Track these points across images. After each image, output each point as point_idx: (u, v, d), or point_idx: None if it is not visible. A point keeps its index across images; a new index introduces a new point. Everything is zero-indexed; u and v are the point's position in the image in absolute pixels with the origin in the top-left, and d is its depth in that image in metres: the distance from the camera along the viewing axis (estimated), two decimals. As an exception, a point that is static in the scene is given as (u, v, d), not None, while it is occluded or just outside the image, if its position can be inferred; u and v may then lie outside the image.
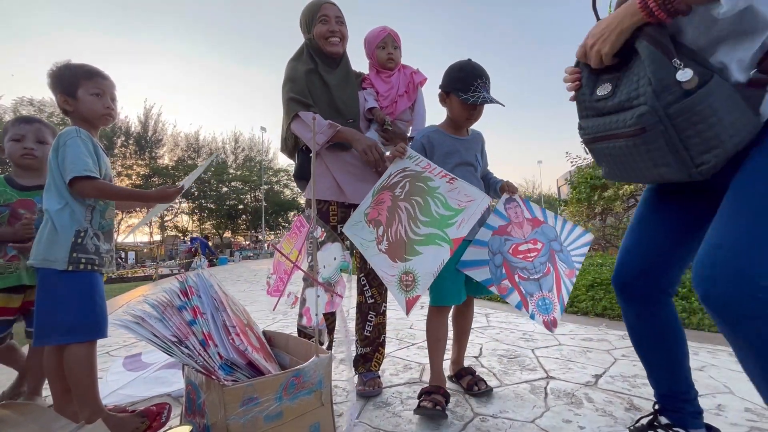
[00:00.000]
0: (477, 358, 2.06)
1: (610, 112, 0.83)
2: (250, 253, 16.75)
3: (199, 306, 1.04)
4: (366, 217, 1.51)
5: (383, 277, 1.39)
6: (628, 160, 0.81)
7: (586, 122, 0.91)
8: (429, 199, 1.41)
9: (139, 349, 2.43)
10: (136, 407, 1.52)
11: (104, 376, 1.88)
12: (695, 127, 0.69)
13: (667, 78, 0.70)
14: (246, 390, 0.94)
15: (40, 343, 1.21)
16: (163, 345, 0.96)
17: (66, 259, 1.22)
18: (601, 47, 0.78)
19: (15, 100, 19.46)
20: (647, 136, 0.73)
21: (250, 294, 5.19)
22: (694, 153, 0.71)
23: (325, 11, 1.66)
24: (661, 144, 0.72)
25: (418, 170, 1.46)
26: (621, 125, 0.78)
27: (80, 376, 1.21)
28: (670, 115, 0.70)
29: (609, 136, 0.82)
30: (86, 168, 1.25)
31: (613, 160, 0.86)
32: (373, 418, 1.40)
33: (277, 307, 1.37)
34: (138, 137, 24.99)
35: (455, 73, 1.52)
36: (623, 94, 0.80)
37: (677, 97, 0.69)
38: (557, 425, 1.31)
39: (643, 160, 0.77)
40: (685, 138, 0.70)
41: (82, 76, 1.34)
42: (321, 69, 1.68)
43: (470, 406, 1.48)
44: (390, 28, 1.78)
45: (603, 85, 0.87)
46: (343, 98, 1.68)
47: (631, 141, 0.76)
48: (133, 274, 9.95)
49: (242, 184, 27.56)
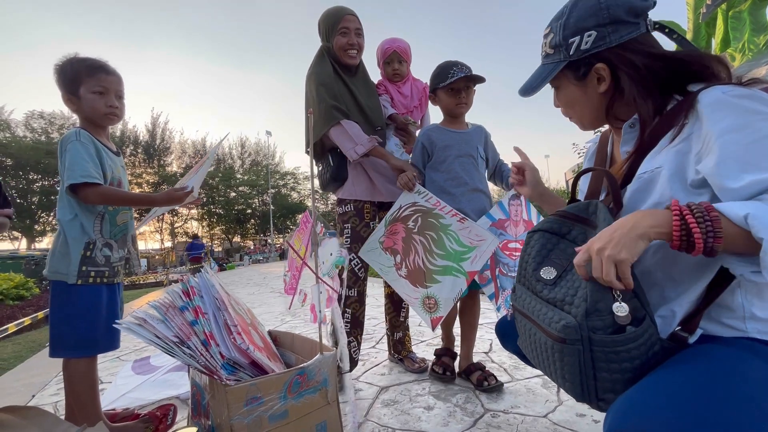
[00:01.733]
0: (487, 353, 2.02)
1: (544, 299, 0.75)
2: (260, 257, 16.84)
3: (201, 306, 1.03)
4: (381, 245, 1.64)
5: (407, 298, 1.54)
6: (542, 352, 0.73)
7: (521, 290, 0.83)
8: (442, 235, 1.52)
9: (148, 353, 2.44)
10: (144, 410, 1.53)
11: (114, 380, 1.89)
12: (609, 365, 0.63)
13: (603, 302, 0.64)
14: (249, 389, 0.92)
15: (54, 355, 1.21)
16: (166, 346, 0.95)
17: (76, 273, 1.20)
18: (615, 253, 0.60)
19: (26, 113, 19.90)
20: (565, 348, 0.65)
21: (259, 297, 5.21)
22: (599, 387, 0.65)
23: (346, 23, 1.70)
24: (575, 362, 0.65)
25: (428, 207, 1.55)
26: (547, 322, 0.70)
27: (80, 390, 1.20)
28: (591, 341, 0.63)
29: (534, 322, 0.75)
30: (84, 174, 1.18)
31: (531, 343, 0.77)
32: (381, 416, 1.38)
33: (291, 305, 1.37)
34: (146, 146, 25.35)
35: (434, 73, 1.63)
36: (562, 290, 0.72)
37: (605, 325, 0.63)
38: (571, 419, 1.27)
39: (554, 365, 0.70)
40: (598, 368, 0.64)
41: (83, 73, 1.25)
42: (344, 76, 1.74)
43: (480, 402, 1.45)
44: (398, 42, 1.86)
45: (548, 269, 0.77)
46: (370, 106, 1.77)
47: (551, 342, 0.68)
48: (145, 280, 10.06)
49: (250, 188, 27.79)
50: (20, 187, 20.36)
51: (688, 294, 0.68)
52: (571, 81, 0.83)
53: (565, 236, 0.80)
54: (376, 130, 1.75)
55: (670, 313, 0.70)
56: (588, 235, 0.75)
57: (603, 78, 0.78)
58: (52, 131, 20.57)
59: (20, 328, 3.55)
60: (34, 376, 2.20)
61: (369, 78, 1.88)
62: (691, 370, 0.58)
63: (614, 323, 0.63)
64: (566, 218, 0.80)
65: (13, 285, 5.73)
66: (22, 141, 19.65)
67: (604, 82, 0.78)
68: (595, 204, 0.77)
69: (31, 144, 19.57)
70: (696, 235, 0.56)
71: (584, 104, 0.84)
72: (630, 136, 0.79)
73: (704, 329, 0.67)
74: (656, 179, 0.69)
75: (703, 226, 0.56)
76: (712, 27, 4.58)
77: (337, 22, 1.69)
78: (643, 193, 0.72)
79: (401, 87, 1.90)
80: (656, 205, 0.69)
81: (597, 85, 0.79)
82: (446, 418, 1.33)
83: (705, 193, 0.65)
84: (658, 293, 0.72)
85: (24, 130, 20.44)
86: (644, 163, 0.73)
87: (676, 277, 0.70)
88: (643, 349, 0.62)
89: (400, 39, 1.88)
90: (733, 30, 4.18)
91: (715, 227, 0.56)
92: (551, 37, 0.82)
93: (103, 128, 1.33)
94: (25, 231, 20.80)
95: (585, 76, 0.80)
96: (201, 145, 28.17)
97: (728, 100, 0.63)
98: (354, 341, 1.72)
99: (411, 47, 1.90)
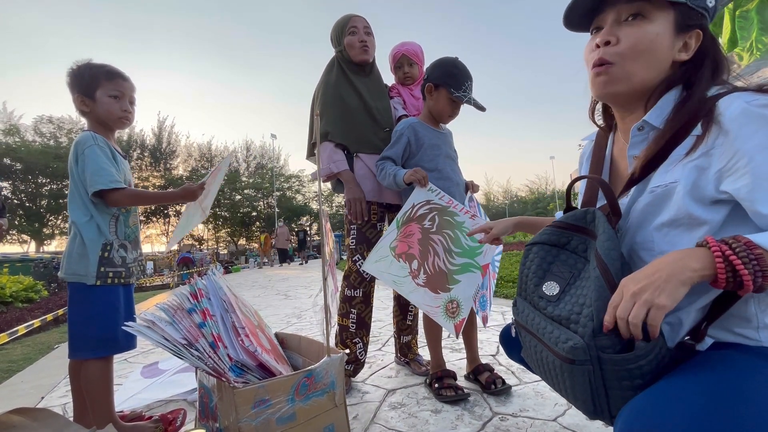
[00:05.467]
0: (494, 356, 2.01)
1: (549, 317, 0.72)
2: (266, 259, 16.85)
3: (209, 308, 1.04)
4: (394, 252, 1.53)
5: (427, 310, 1.49)
6: (550, 370, 0.71)
7: (522, 305, 0.79)
8: (458, 232, 1.52)
9: (156, 356, 2.45)
10: (152, 410, 1.53)
11: (123, 384, 1.90)
12: (620, 383, 0.61)
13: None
14: (257, 392, 0.92)
15: (75, 356, 1.23)
16: (174, 348, 0.95)
17: (94, 274, 1.22)
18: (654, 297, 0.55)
19: (35, 118, 20.13)
20: (575, 369, 0.63)
21: (264, 299, 5.22)
22: (612, 404, 0.63)
23: (354, 23, 1.75)
24: (585, 382, 0.63)
25: (443, 204, 1.53)
26: (554, 341, 0.67)
27: (96, 389, 1.22)
28: (601, 360, 0.61)
29: (540, 340, 0.72)
30: (112, 179, 1.22)
31: (536, 357, 0.75)
32: (389, 419, 1.37)
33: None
34: (153, 149, 25.56)
35: (450, 69, 1.55)
36: (567, 306, 0.69)
37: (614, 344, 0.61)
38: (580, 423, 1.26)
39: (563, 382, 0.68)
40: (609, 387, 0.62)
41: (102, 77, 1.28)
42: (353, 79, 1.76)
43: (489, 405, 1.43)
44: (407, 45, 1.88)
45: (551, 283, 0.74)
46: (379, 108, 1.79)
47: (559, 362, 0.66)
48: (151, 283, 10.12)
49: (255, 191, 27.90)
50: (29, 191, 20.59)
51: (697, 303, 0.65)
52: (669, 24, 0.69)
53: (565, 247, 0.77)
54: (384, 131, 1.77)
55: (677, 321, 0.68)
56: (588, 245, 0.73)
57: (690, 46, 0.70)
58: (61, 136, 20.82)
59: (29, 330, 3.58)
60: (42, 378, 2.21)
61: (381, 80, 1.89)
62: (704, 377, 0.57)
63: (622, 340, 0.61)
64: (564, 229, 0.78)
65: (23, 287, 5.79)
66: (31, 145, 19.88)
67: (687, 52, 0.70)
68: (593, 213, 0.75)
69: (40, 148, 19.80)
70: (744, 277, 0.53)
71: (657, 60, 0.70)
72: (638, 139, 0.75)
73: (715, 338, 0.65)
74: (671, 194, 0.66)
75: (750, 267, 0.53)
76: (719, 26, 4.53)
77: (346, 24, 1.75)
78: (657, 208, 0.68)
79: (413, 89, 1.92)
80: (672, 222, 0.66)
81: (681, 48, 0.70)
82: (454, 421, 1.32)
83: (722, 209, 0.63)
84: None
85: (33, 135, 20.70)
86: (657, 175, 0.69)
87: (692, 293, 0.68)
88: (654, 363, 0.60)
89: (410, 42, 1.89)
90: (740, 29, 4.13)
91: (762, 266, 0.53)
92: None
93: (112, 131, 1.36)
94: (33, 234, 21.03)
95: (684, 31, 0.69)
96: (207, 148, 28.34)
97: (756, 112, 0.59)
98: (360, 342, 1.72)
99: (424, 49, 1.91)
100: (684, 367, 0.61)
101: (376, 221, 1.76)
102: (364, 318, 1.72)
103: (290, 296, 5.32)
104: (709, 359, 0.61)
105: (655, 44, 0.69)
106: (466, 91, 1.53)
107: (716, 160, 0.61)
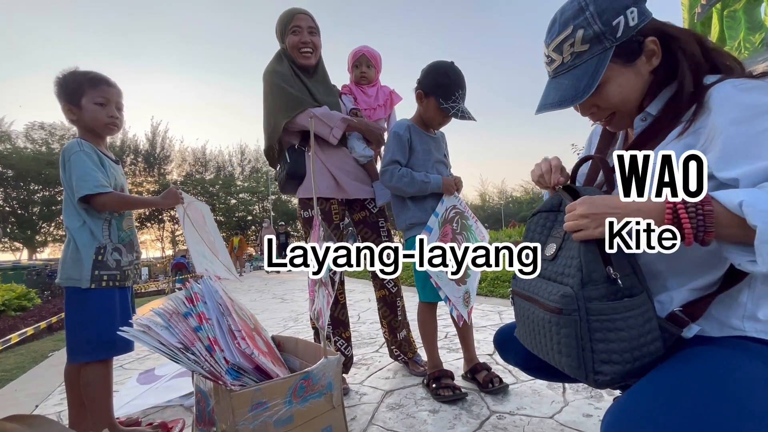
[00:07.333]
0: (491, 355, 2.02)
1: (545, 277, 0.76)
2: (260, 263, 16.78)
3: (205, 312, 1.03)
4: None
5: (454, 300, 1.58)
6: (539, 332, 0.74)
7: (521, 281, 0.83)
8: (469, 234, 1.68)
9: (152, 362, 2.43)
10: (148, 416, 1.52)
11: (119, 391, 1.88)
12: (605, 334, 0.64)
13: (597, 272, 0.65)
14: (254, 394, 0.92)
15: (73, 360, 1.23)
16: (170, 352, 0.95)
17: (89, 277, 1.23)
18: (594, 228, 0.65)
19: (27, 124, 19.98)
20: (561, 319, 0.66)
21: (261, 303, 5.20)
22: (596, 358, 0.65)
23: (297, 22, 1.64)
24: (571, 333, 0.66)
25: (461, 209, 1.68)
26: (546, 295, 0.71)
27: (96, 392, 1.22)
28: (588, 310, 0.65)
29: (533, 299, 0.76)
30: (97, 184, 1.23)
31: (528, 324, 0.78)
32: (387, 420, 1.38)
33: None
34: (146, 155, 25.43)
35: (440, 78, 1.52)
36: (561, 262, 0.74)
37: (601, 295, 0.65)
38: (577, 420, 1.26)
39: (551, 340, 0.71)
40: (594, 339, 0.65)
41: (87, 84, 1.28)
42: (301, 75, 1.69)
43: (486, 404, 1.44)
44: (369, 48, 1.87)
45: (551, 245, 0.79)
46: (328, 103, 1.70)
47: (548, 316, 0.70)
48: (146, 289, 10.03)
49: (250, 195, 27.83)
50: (21, 198, 20.40)
51: (690, 284, 0.69)
52: (622, 67, 0.75)
53: (559, 208, 0.82)
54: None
55: (669, 299, 0.71)
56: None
57: (654, 52, 0.74)
58: (53, 142, 20.66)
59: (22, 339, 3.53)
60: (37, 386, 2.19)
61: (328, 78, 1.82)
62: (683, 373, 0.59)
63: (609, 293, 0.64)
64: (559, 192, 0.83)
65: (15, 296, 5.71)
66: (22, 152, 19.73)
67: (656, 56, 0.74)
68: (590, 190, 0.80)
69: (32, 155, 19.65)
70: (686, 230, 0.58)
71: (636, 89, 0.77)
72: (642, 128, 0.79)
73: (700, 326, 0.67)
74: None
75: (694, 221, 0.57)
76: (707, 26, 4.60)
77: (289, 21, 1.65)
78: None
79: (367, 89, 1.88)
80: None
81: (647, 63, 0.75)
82: (452, 420, 1.33)
83: (709, 183, 0.65)
84: (660, 283, 0.73)
85: (25, 141, 20.53)
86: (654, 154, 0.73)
87: (679, 269, 0.70)
88: (640, 320, 0.64)
89: (373, 48, 1.89)
90: (728, 29, 4.20)
91: (706, 222, 0.57)
92: (581, 33, 0.74)
93: (102, 138, 1.36)
94: (26, 241, 20.81)
95: (637, 55, 0.74)
96: (201, 152, 28.26)
97: (736, 93, 0.63)
98: (340, 339, 1.72)
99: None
100: (667, 364, 0.63)
101: (338, 221, 1.70)
102: (338, 317, 1.72)
103: (287, 300, 5.30)
104: (693, 356, 0.62)
105: (629, 86, 0.76)
106: (456, 101, 1.50)
107: (702, 137, 0.67)
